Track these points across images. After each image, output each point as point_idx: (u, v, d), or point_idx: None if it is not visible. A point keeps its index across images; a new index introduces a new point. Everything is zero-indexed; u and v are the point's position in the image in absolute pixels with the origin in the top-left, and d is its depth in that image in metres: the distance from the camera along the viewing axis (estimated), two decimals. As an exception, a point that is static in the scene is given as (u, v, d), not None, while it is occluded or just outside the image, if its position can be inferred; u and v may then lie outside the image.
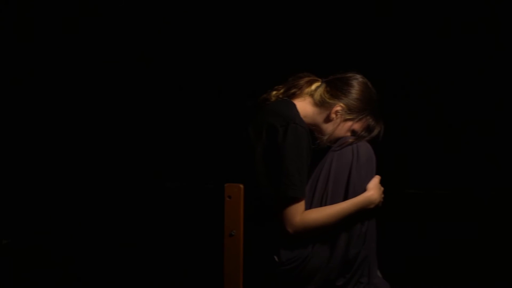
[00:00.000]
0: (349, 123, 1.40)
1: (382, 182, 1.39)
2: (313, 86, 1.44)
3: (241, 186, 1.22)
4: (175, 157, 2.40)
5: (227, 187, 1.23)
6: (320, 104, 1.41)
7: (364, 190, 1.33)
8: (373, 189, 1.33)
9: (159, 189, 2.33)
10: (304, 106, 1.41)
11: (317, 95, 1.41)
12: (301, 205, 1.28)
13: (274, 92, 1.45)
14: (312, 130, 1.42)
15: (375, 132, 1.42)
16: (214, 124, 2.30)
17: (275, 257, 1.30)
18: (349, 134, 1.41)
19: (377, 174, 1.38)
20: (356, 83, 1.41)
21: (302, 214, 1.28)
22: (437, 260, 2.07)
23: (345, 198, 1.33)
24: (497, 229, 2.23)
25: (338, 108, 1.38)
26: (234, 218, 1.23)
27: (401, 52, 2.32)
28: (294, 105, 1.38)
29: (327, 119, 1.41)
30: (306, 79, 1.45)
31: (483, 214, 2.32)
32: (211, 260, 1.54)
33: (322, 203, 1.34)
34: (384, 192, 1.39)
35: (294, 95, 1.44)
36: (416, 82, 2.34)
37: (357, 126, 1.41)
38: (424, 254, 2.13)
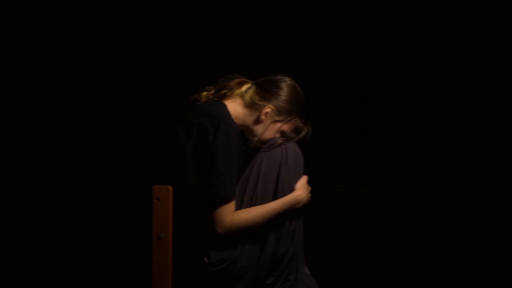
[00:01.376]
0: (278, 125, 1.43)
1: (309, 182, 1.44)
2: (244, 88, 1.46)
3: (170, 187, 1.19)
4: (102, 159, 2.31)
5: (155, 188, 1.20)
6: (250, 105, 1.42)
7: (292, 189, 1.37)
8: (301, 189, 1.38)
9: (86, 192, 2.24)
10: (234, 107, 1.42)
11: (247, 97, 1.43)
12: (232, 205, 1.29)
13: (204, 93, 1.45)
14: (243, 131, 1.44)
15: (303, 133, 1.46)
16: (142, 124, 2.24)
17: (205, 258, 1.30)
18: (278, 135, 1.45)
19: (304, 174, 1.43)
20: (285, 85, 1.44)
21: (232, 215, 1.28)
22: (362, 257, 2.17)
23: (274, 198, 1.35)
24: (421, 226, 2.40)
25: (267, 109, 1.41)
26: (162, 220, 1.20)
27: (327, 54, 2.42)
28: (225, 106, 1.38)
29: (257, 121, 1.43)
30: (237, 80, 1.47)
31: (408, 212, 2.48)
32: (139, 263, 1.50)
33: (252, 203, 1.36)
34: (311, 191, 1.44)
35: (225, 96, 1.45)
36: (341, 82, 2.46)
37: (286, 127, 1.44)
38: (350, 251, 2.24)
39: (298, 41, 2.37)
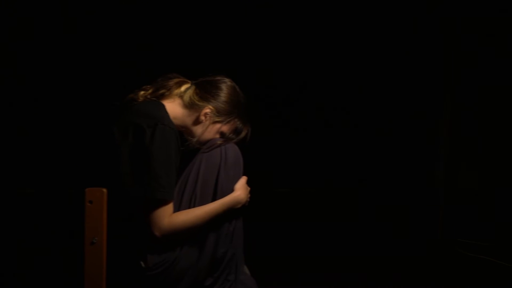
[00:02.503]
0: (217, 125, 1.43)
1: (249, 182, 1.45)
2: (183, 88, 1.44)
3: (104, 190, 1.15)
4: (33, 160, 2.18)
5: (88, 191, 1.15)
6: (190, 106, 1.41)
7: (231, 190, 1.37)
8: (240, 189, 1.38)
9: (15, 195, 2.10)
10: (173, 107, 1.39)
11: (186, 97, 1.41)
12: (169, 207, 1.27)
13: (141, 92, 1.41)
14: (182, 131, 1.42)
15: (243, 134, 1.47)
16: (75, 124, 2.14)
17: (142, 262, 1.26)
18: (218, 136, 1.44)
19: (244, 174, 1.44)
20: (225, 86, 1.44)
21: (170, 217, 1.26)
22: (304, 257, 2.21)
23: (214, 199, 1.35)
24: (363, 226, 2.49)
25: (207, 110, 1.40)
26: (96, 224, 1.16)
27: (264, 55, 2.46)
28: (163, 106, 1.35)
29: (197, 121, 1.41)
30: (176, 80, 1.44)
31: (346, 212, 2.56)
32: (71, 270, 1.43)
33: (191, 204, 1.34)
34: (250, 191, 1.45)
35: (163, 96, 1.42)
36: (280, 85, 2.50)
37: (225, 128, 1.44)
38: (290, 251, 2.27)
39: (236, 42, 2.39)
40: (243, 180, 1.41)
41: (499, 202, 2.51)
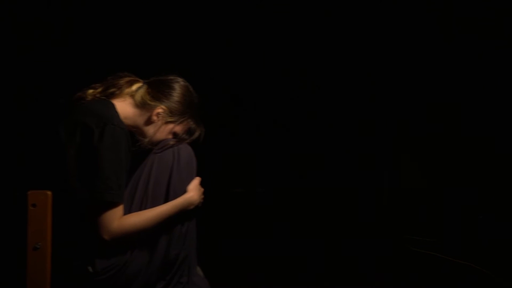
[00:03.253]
0: (170, 126, 1.40)
1: (202, 183, 1.43)
2: (134, 87, 1.40)
3: (49, 193, 1.10)
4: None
5: (30, 194, 1.09)
6: (141, 105, 1.37)
7: (184, 191, 1.35)
8: (193, 191, 1.37)
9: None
10: (124, 107, 1.36)
11: (138, 96, 1.38)
12: (119, 210, 1.23)
13: (90, 91, 1.36)
14: (133, 132, 1.38)
15: (196, 134, 1.45)
16: (18, 123, 2.03)
17: (89, 267, 1.22)
18: (170, 136, 1.42)
19: (197, 175, 1.42)
20: (178, 86, 1.42)
21: (120, 220, 1.23)
22: (256, 258, 2.22)
23: (166, 200, 1.33)
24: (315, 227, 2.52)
25: (159, 110, 1.38)
26: (39, 229, 1.11)
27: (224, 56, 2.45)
28: (113, 105, 1.31)
29: (148, 121, 1.38)
30: (127, 79, 1.41)
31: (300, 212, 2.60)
32: (13, 278, 1.36)
33: (142, 206, 1.31)
34: (204, 192, 1.44)
35: (113, 95, 1.37)
36: (234, 84, 2.50)
37: (178, 128, 1.42)
38: (244, 251, 2.28)
39: (190, 41, 2.37)
40: (196, 181, 1.40)
41: (443, 200, 2.66)
